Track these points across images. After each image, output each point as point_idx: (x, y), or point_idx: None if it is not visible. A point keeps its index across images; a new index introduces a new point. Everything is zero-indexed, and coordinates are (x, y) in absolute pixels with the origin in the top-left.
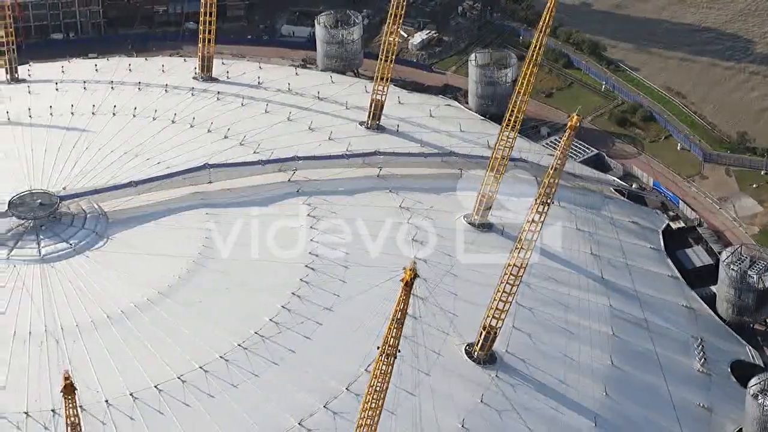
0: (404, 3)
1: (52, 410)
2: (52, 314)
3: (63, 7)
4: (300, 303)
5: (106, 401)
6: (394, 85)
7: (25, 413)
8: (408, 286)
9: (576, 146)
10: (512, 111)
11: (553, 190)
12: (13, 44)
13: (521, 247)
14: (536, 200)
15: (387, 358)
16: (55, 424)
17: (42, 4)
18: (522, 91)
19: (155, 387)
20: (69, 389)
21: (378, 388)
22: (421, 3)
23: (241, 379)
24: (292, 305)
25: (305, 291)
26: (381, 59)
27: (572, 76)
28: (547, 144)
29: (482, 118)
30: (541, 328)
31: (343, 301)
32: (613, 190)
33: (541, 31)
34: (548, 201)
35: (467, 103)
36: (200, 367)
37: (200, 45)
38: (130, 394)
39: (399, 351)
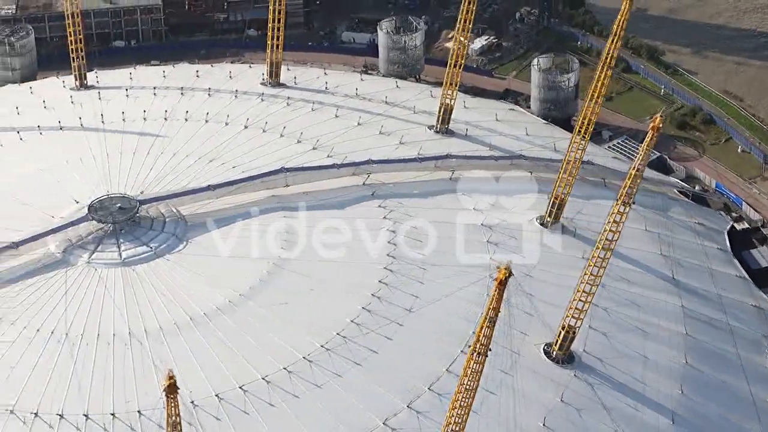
0: (473, 8)
1: (138, 411)
2: (136, 317)
3: (125, 15)
4: (380, 304)
5: (192, 402)
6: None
7: (112, 414)
8: (502, 284)
9: (638, 149)
10: (585, 113)
11: (635, 190)
12: (82, 51)
13: (601, 247)
14: (617, 200)
15: (478, 357)
16: (141, 426)
17: (104, 12)
18: (596, 94)
19: (240, 388)
20: (172, 389)
21: (468, 387)
22: (480, 9)
23: (325, 379)
24: (373, 306)
25: (384, 292)
26: (450, 64)
27: (631, 80)
28: (609, 147)
29: (545, 122)
30: (616, 327)
31: (423, 303)
32: (677, 192)
33: (615, 35)
34: (630, 201)
35: (529, 107)
36: (284, 368)
37: (268, 51)
38: (216, 395)
39: (490, 350)
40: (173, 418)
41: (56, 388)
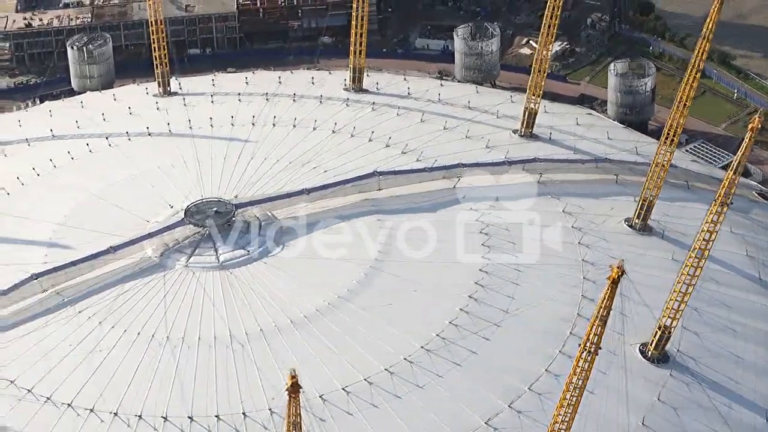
0: (558, 13)
1: (243, 413)
2: (236, 320)
3: (200, 23)
4: (477, 306)
5: None
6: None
7: (216, 417)
8: (615, 283)
9: (715, 153)
10: (674, 117)
11: (732, 191)
12: (165, 58)
13: (698, 248)
14: (715, 202)
15: (588, 355)
16: (246, 427)
17: (180, 20)
18: (684, 97)
19: (343, 389)
20: (295, 388)
21: (577, 385)
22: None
23: (426, 380)
24: (470, 308)
25: (481, 294)
26: (534, 68)
27: (704, 84)
28: (686, 150)
29: (623, 126)
30: (708, 327)
31: (518, 304)
32: (756, 194)
33: (704, 38)
34: (728, 202)
35: (604, 111)
36: (386, 369)
37: (351, 57)
38: (319, 396)
39: (600, 348)
40: (293, 417)
41: (159, 390)
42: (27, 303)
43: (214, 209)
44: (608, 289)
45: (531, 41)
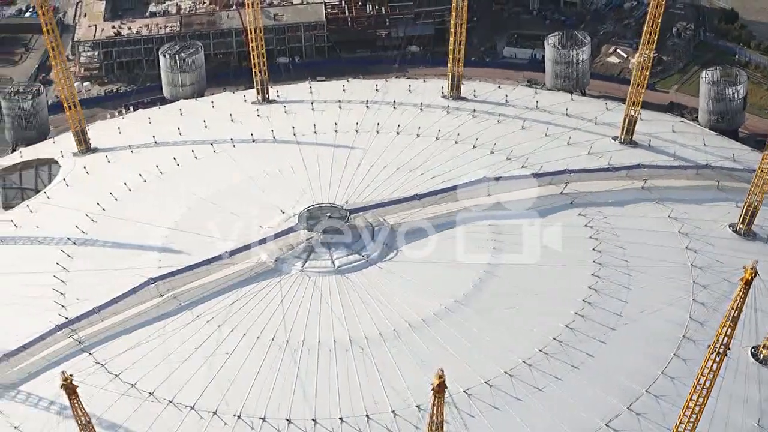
0: (659, 21)
1: (366, 416)
2: (354, 323)
3: (288, 32)
4: (591, 309)
5: (418, 407)
6: (622, 102)
7: (340, 419)
8: (747, 284)
9: None
10: None
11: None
12: (264, 66)
13: None
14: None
15: (717, 356)
16: (370, 429)
17: (269, 28)
18: None
19: (464, 392)
20: (442, 387)
21: (704, 386)
22: (637, 25)
23: (545, 382)
24: (585, 312)
25: (594, 298)
26: (635, 75)
27: None
28: None
29: (716, 133)
30: None
31: (631, 308)
32: None
33: None
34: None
35: (695, 119)
36: (505, 372)
37: (449, 65)
38: None
39: (729, 349)
40: (437, 417)
41: (282, 393)
42: (144, 307)
43: (328, 214)
44: (741, 290)
45: (618, 50)
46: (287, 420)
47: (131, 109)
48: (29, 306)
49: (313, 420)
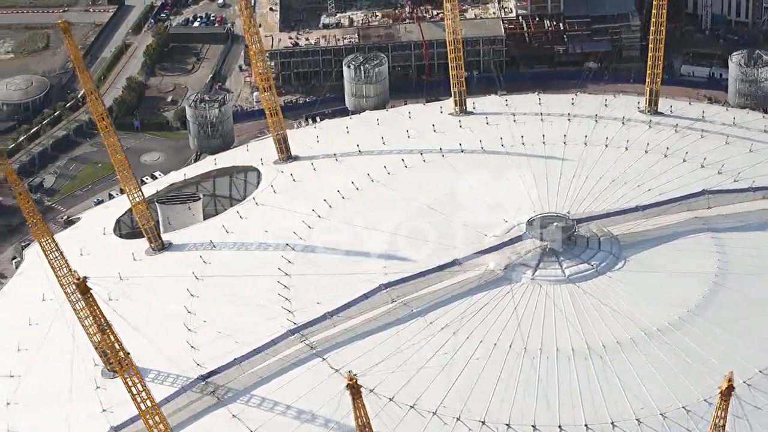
0: None
1: (612, 423)
2: (590, 332)
3: (467, 46)
4: None
5: (662, 415)
6: None
7: (585, 426)
8: None
9: None
10: None
11: None
12: (462, 77)
13: None
14: None
15: None
16: None
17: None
18: None
19: (705, 400)
20: (729, 390)
21: None
22: None
23: None
24: None
25: None
26: None
27: None
28: None
29: None
30: None
31: None
32: None
33: None
34: None
35: None
36: (744, 382)
37: (648, 80)
38: (683, 407)
39: None
40: (721, 420)
41: (525, 399)
42: (375, 313)
43: (555, 224)
44: None
45: None
46: (532, 426)
47: (311, 120)
48: (257, 311)
49: (559, 427)
